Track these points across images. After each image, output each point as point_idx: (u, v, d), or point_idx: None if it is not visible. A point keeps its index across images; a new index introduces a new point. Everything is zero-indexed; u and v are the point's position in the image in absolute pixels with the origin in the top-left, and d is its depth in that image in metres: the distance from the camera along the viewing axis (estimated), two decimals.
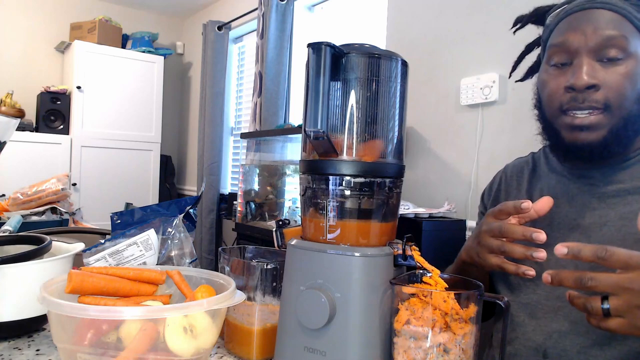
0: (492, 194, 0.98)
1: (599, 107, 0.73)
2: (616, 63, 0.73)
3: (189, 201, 0.94)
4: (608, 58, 0.73)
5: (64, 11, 3.96)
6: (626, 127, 0.74)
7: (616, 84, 0.72)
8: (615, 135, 0.74)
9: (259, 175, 3.12)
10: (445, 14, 2.19)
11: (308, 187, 0.66)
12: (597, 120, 0.73)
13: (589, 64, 0.73)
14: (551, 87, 0.78)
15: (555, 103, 0.78)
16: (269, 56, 3.07)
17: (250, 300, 0.72)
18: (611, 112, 0.73)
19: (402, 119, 0.65)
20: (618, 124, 0.74)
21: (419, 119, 2.25)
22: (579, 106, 0.74)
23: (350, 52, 0.62)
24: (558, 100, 0.77)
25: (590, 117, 0.74)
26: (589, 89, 0.73)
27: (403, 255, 0.62)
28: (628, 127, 0.74)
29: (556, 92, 0.77)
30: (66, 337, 0.57)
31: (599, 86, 0.73)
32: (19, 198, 1.59)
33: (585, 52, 0.74)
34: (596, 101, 0.73)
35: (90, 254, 0.82)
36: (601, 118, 0.73)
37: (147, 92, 3.95)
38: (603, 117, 0.73)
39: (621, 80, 0.72)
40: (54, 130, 3.60)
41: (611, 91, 0.73)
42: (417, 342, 0.56)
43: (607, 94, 0.73)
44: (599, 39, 0.73)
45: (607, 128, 0.74)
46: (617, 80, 0.72)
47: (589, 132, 0.74)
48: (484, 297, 0.58)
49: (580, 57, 0.74)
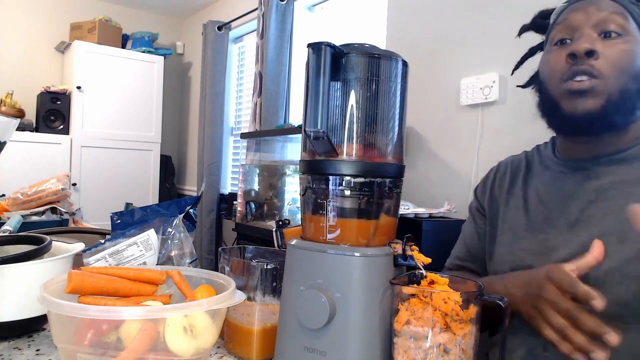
0: (487, 190, 0.99)
1: (596, 75, 0.76)
2: (616, 38, 0.76)
3: (189, 201, 0.94)
4: (608, 32, 0.77)
5: (64, 11, 3.96)
6: (624, 100, 0.76)
7: (613, 56, 0.76)
8: (614, 105, 0.76)
9: (259, 175, 3.12)
10: (445, 14, 2.19)
11: (308, 187, 0.66)
12: (593, 85, 0.76)
13: (589, 35, 0.77)
14: (553, 61, 0.81)
15: (556, 75, 0.80)
16: (269, 56, 3.07)
17: (250, 300, 0.72)
18: (607, 81, 0.75)
19: (402, 119, 0.65)
20: (615, 95, 0.76)
21: (419, 119, 2.25)
22: (578, 70, 0.77)
23: (350, 52, 0.61)
24: (559, 71, 0.80)
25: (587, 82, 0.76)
26: (588, 55, 0.76)
27: (403, 255, 0.62)
28: (626, 100, 0.76)
29: (557, 64, 0.80)
30: (66, 337, 0.57)
31: (598, 54, 0.76)
32: (19, 198, 1.59)
33: (587, 27, 0.78)
34: (592, 67, 0.76)
35: (90, 254, 0.82)
36: (598, 83, 0.76)
37: (147, 92, 3.95)
38: (599, 82, 0.76)
39: (619, 54, 0.76)
40: (54, 130, 3.60)
41: (608, 62, 0.76)
42: (417, 342, 0.56)
43: (604, 63, 0.76)
44: (600, 15, 0.77)
45: (605, 96, 0.75)
46: (615, 53, 0.76)
47: (586, 98, 0.76)
48: (484, 297, 0.58)
49: (582, 30, 0.78)
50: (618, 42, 0.76)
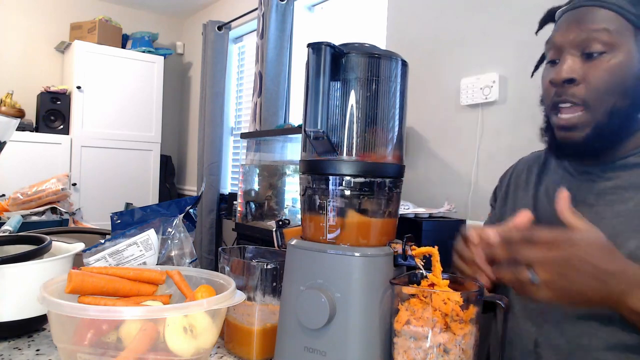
0: (503, 188, 1.00)
1: (578, 103, 0.75)
2: (599, 57, 0.74)
3: (189, 201, 0.94)
4: (590, 52, 0.74)
5: (64, 11, 3.95)
6: (612, 122, 0.75)
7: (596, 79, 0.73)
8: (599, 133, 0.75)
9: (259, 175, 3.12)
10: (445, 14, 2.19)
11: (308, 187, 0.66)
12: (577, 119, 0.75)
13: (571, 59, 0.75)
14: (544, 83, 0.81)
15: (547, 99, 0.80)
16: (269, 56, 3.07)
17: (250, 300, 0.72)
18: (591, 108, 0.74)
19: (402, 119, 0.65)
20: (602, 120, 0.75)
21: (419, 119, 2.25)
22: (560, 100, 0.76)
23: (350, 52, 0.61)
24: (549, 96, 0.79)
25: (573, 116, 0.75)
26: (568, 83, 0.75)
27: (403, 255, 0.62)
28: (614, 122, 0.75)
29: (547, 88, 0.80)
30: (66, 337, 0.57)
31: (578, 81, 0.74)
32: (19, 198, 1.59)
33: (568, 48, 0.76)
34: (573, 95, 0.75)
35: (90, 254, 0.82)
36: (581, 115, 0.75)
37: (147, 92, 3.95)
38: (583, 114, 0.75)
39: (603, 75, 0.73)
40: (54, 130, 3.60)
41: (590, 86, 0.74)
42: (417, 342, 0.56)
43: (586, 88, 0.74)
44: (582, 35, 0.74)
45: (591, 126, 0.75)
46: (598, 75, 0.73)
47: (572, 132, 0.76)
48: (484, 297, 0.58)
49: (565, 53, 0.76)
50: (603, 61, 0.73)
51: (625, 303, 0.61)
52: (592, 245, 0.60)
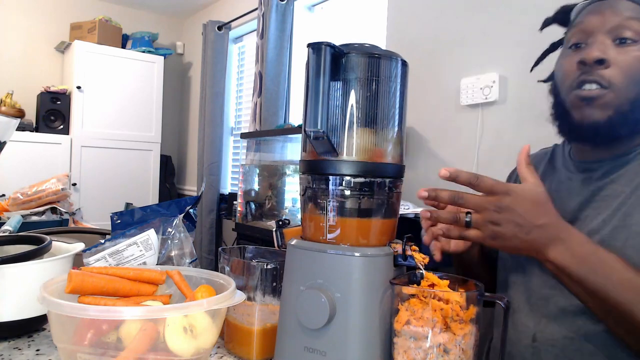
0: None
1: (605, 85, 0.75)
2: (631, 45, 0.74)
3: (189, 201, 0.94)
4: (623, 38, 0.75)
5: (64, 11, 3.95)
6: (633, 112, 0.75)
7: (626, 65, 0.74)
8: (622, 116, 0.75)
9: (259, 175, 3.12)
10: (445, 14, 2.19)
11: (308, 187, 0.66)
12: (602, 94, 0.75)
13: (603, 42, 0.76)
14: (565, 66, 0.81)
15: (568, 80, 0.80)
16: (269, 56, 3.07)
17: (250, 300, 0.72)
18: (617, 91, 0.74)
19: (402, 119, 0.65)
20: (624, 105, 0.75)
21: (419, 119, 2.25)
22: (588, 79, 0.76)
23: (350, 52, 0.61)
24: (571, 77, 0.79)
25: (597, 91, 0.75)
26: (598, 63, 0.75)
27: (403, 255, 0.62)
28: (635, 110, 0.75)
29: (569, 70, 0.79)
30: (66, 337, 0.57)
31: (609, 63, 0.74)
32: (19, 198, 1.59)
33: (601, 32, 0.76)
34: (602, 77, 0.75)
35: (90, 254, 0.82)
36: (606, 93, 0.75)
37: (147, 92, 3.95)
38: (608, 92, 0.75)
39: (632, 62, 0.74)
40: (54, 130, 3.60)
41: (620, 70, 0.74)
42: (417, 342, 0.56)
43: (615, 72, 0.74)
44: (616, 20, 0.75)
45: (613, 108, 0.75)
46: (628, 61, 0.74)
47: (595, 108, 0.75)
48: (484, 297, 0.58)
49: (596, 36, 0.77)
50: (633, 49, 0.74)
51: (544, 254, 0.66)
52: (527, 199, 0.65)
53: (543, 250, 0.66)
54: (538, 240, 0.66)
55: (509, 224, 0.64)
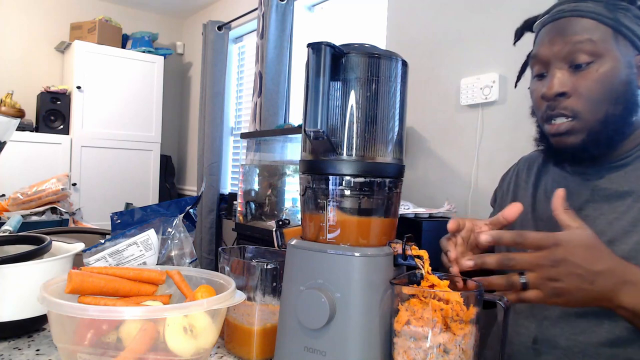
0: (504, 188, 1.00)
1: (571, 116, 0.75)
2: (587, 68, 0.74)
3: (189, 201, 0.94)
4: (578, 64, 0.74)
5: (64, 11, 3.95)
6: (606, 129, 0.75)
7: (587, 90, 0.74)
8: (594, 138, 0.76)
9: (259, 175, 3.12)
10: (445, 14, 2.19)
11: (308, 187, 0.66)
12: (570, 126, 0.76)
13: (560, 73, 0.76)
14: (534, 97, 0.82)
15: (539, 112, 0.81)
16: (269, 56, 3.07)
17: (250, 300, 0.72)
18: (584, 118, 0.75)
19: (402, 119, 0.65)
20: (595, 127, 0.75)
21: (419, 119, 2.25)
22: (553, 114, 0.77)
23: (350, 52, 0.61)
24: (540, 109, 0.80)
25: (567, 124, 0.76)
26: (559, 96, 0.75)
27: (403, 255, 0.62)
28: (608, 128, 0.75)
29: (538, 102, 0.80)
30: (66, 337, 0.57)
31: (569, 93, 0.75)
32: (19, 198, 1.59)
33: (555, 62, 0.76)
34: (565, 108, 0.75)
35: (90, 254, 0.82)
36: (574, 124, 0.75)
37: (147, 92, 3.95)
38: (575, 123, 0.75)
39: (593, 85, 0.74)
40: (54, 130, 3.60)
41: (582, 98, 0.74)
42: (417, 342, 0.56)
43: (577, 100, 0.75)
44: (567, 47, 0.75)
45: (585, 132, 0.75)
46: (589, 85, 0.74)
47: (568, 136, 0.77)
48: (484, 297, 0.58)
49: (552, 66, 0.77)
50: (591, 71, 0.74)
51: (615, 301, 0.62)
52: (580, 246, 0.61)
53: (613, 297, 0.62)
54: (605, 288, 0.61)
55: (569, 277, 0.60)
